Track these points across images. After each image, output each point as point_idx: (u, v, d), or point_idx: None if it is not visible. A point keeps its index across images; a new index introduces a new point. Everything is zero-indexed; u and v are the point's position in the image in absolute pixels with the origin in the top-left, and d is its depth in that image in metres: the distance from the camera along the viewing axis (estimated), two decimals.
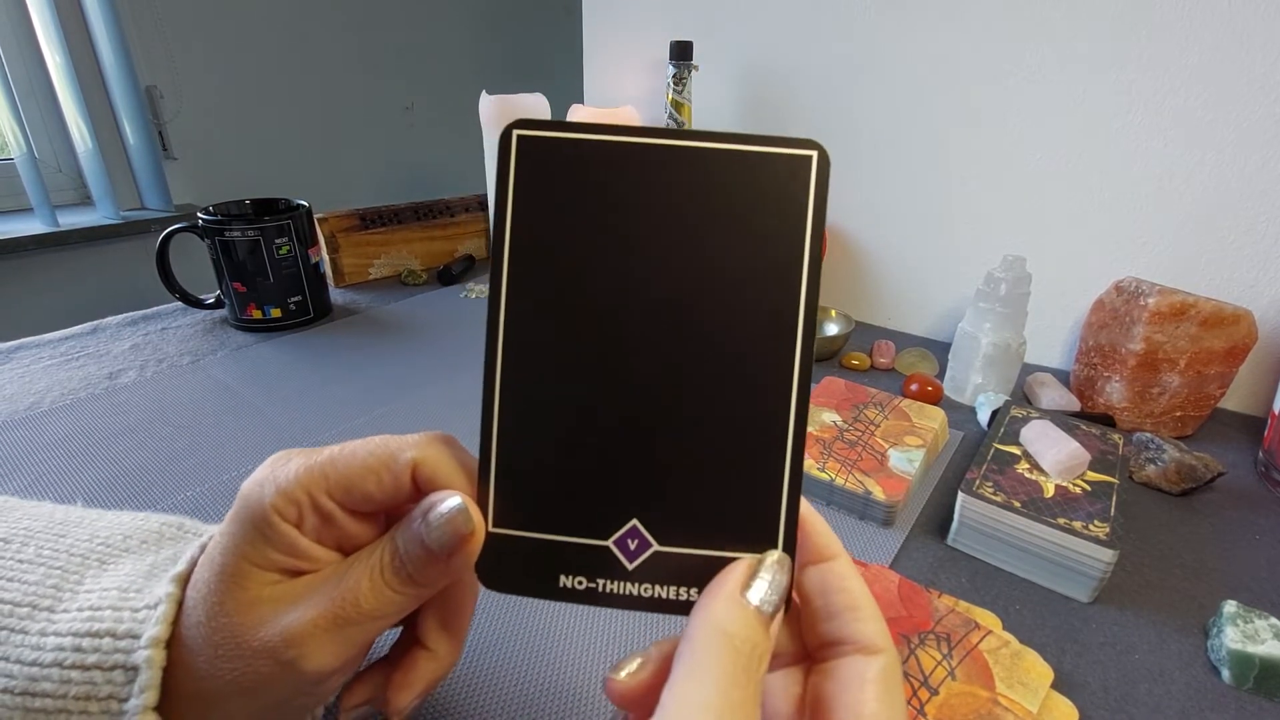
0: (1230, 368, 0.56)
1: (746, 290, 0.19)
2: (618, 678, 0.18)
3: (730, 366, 0.19)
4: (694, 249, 0.19)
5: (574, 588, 0.20)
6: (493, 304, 0.19)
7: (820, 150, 0.19)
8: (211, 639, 0.19)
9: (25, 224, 1.03)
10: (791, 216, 0.19)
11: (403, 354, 0.68)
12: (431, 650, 0.22)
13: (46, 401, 0.56)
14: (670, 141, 0.19)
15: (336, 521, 0.20)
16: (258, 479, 0.20)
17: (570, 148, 0.19)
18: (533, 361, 0.19)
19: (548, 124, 0.19)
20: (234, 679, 0.19)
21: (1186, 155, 0.60)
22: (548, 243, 0.19)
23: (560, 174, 0.19)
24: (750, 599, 0.18)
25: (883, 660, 0.18)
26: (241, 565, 0.19)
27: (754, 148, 0.19)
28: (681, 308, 0.19)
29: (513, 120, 0.19)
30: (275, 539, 0.19)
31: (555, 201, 0.19)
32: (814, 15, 0.77)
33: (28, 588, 0.21)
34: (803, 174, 0.19)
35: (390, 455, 0.20)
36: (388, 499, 0.20)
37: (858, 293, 0.84)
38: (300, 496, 0.20)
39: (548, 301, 0.19)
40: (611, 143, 0.19)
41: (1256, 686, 0.34)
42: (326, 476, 0.20)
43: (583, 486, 0.19)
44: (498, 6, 1.56)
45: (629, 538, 0.19)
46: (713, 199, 0.19)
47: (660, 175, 0.19)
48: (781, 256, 0.19)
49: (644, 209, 0.19)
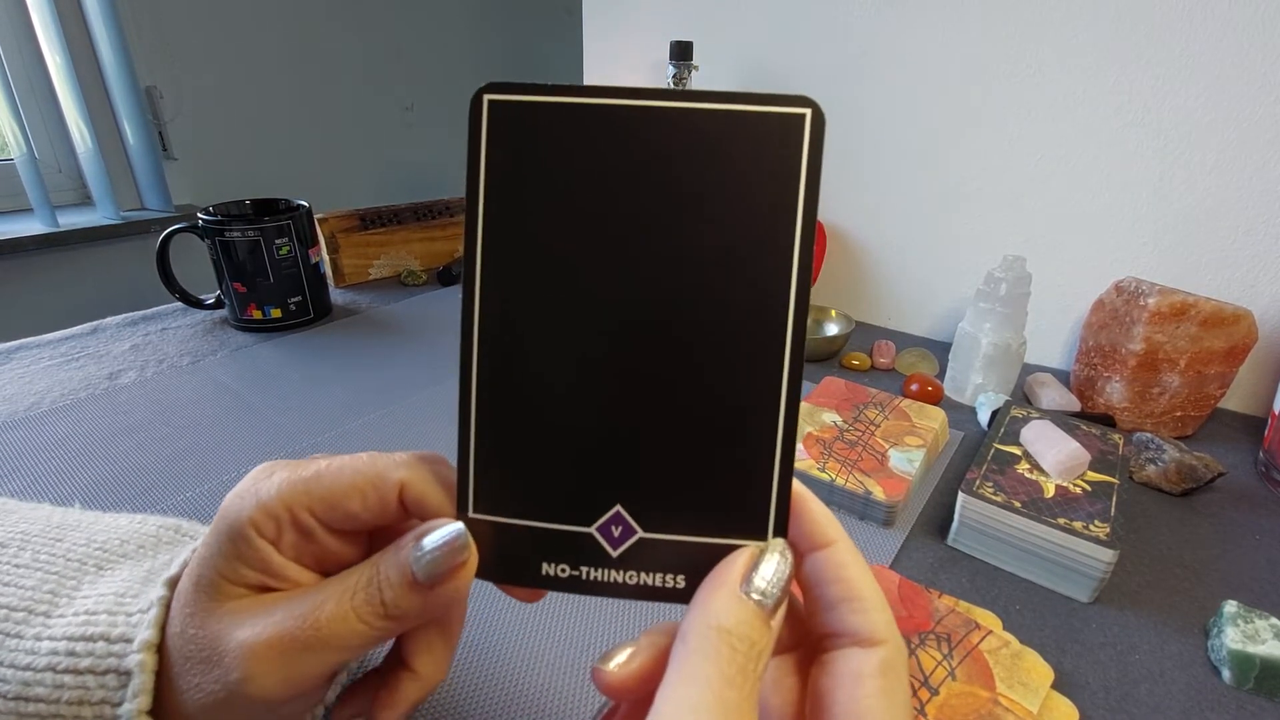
0: (1230, 368, 0.56)
1: (734, 262, 0.18)
2: (606, 668, 0.18)
3: (717, 343, 0.18)
4: (679, 219, 0.18)
5: (557, 575, 0.19)
6: (467, 283, 0.18)
7: (814, 107, 0.17)
8: (183, 650, 0.19)
9: (25, 224, 1.03)
10: (783, 182, 0.18)
11: (403, 354, 0.68)
12: (415, 672, 0.21)
13: (46, 402, 0.56)
14: (653, 103, 0.18)
15: (317, 539, 0.20)
16: (239, 491, 0.20)
17: (545, 113, 0.18)
18: (511, 343, 0.18)
19: (521, 87, 0.18)
20: (195, 696, 0.19)
21: (1187, 155, 0.60)
22: (523, 217, 0.18)
23: (535, 142, 0.18)
24: (750, 593, 0.17)
25: (883, 653, 0.17)
26: (214, 578, 0.19)
27: (742, 106, 0.18)
28: (666, 283, 0.18)
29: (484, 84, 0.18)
30: (249, 555, 0.19)
31: (529, 173, 0.18)
32: (814, 15, 0.77)
33: (23, 592, 0.21)
34: (795, 134, 0.17)
35: (377, 474, 0.20)
36: (373, 519, 0.20)
37: (858, 293, 0.84)
38: (280, 512, 0.19)
39: (524, 279, 0.18)
40: (589, 105, 0.18)
41: (1257, 687, 0.34)
42: (310, 492, 0.19)
43: (564, 471, 0.19)
44: (498, 6, 1.56)
45: (613, 524, 0.19)
46: (698, 164, 0.18)
47: (642, 139, 0.18)
48: (772, 226, 0.18)
49: (625, 177, 0.18)
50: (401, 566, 0.18)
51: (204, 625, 0.19)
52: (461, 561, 0.18)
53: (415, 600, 0.18)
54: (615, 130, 0.18)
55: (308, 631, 0.18)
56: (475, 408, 0.19)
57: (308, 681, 0.19)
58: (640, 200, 0.18)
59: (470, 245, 0.18)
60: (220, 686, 0.18)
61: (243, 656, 0.18)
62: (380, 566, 0.19)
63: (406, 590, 0.18)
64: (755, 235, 0.18)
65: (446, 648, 0.22)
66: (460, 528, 0.19)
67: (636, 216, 0.18)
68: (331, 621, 0.18)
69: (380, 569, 0.19)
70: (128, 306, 0.80)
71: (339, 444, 0.52)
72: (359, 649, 0.19)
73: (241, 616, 0.19)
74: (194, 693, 0.19)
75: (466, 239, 0.18)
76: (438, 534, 0.18)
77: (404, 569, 0.18)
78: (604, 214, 0.18)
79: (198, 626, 0.19)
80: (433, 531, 0.19)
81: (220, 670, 0.18)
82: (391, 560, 0.19)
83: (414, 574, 0.18)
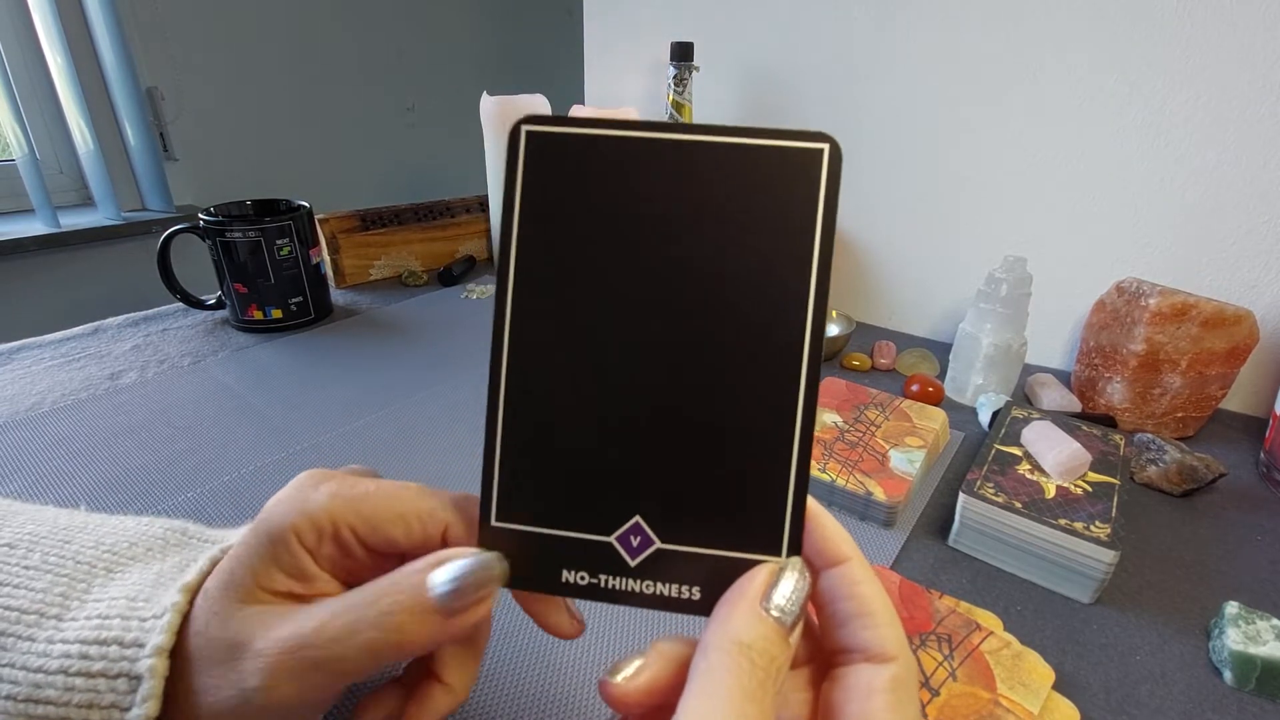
0: (1231, 368, 0.56)
1: (754, 288, 0.19)
2: (614, 681, 0.18)
3: (737, 365, 0.19)
4: (702, 246, 0.19)
5: (576, 583, 0.19)
6: (499, 299, 0.19)
7: (832, 144, 0.19)
8: (202, 650, 0.19)
9: (27, 225, 1.03)
10: (801, 212, 0.19)
11: (404, 355, 0.68)
12: (447, 685, 0.21)
13: (48, 402, 0.56)
14: (679, 136, 0.19)
15: (354, 555, 0.20)
16: (283, 497, 0.20)
17: (578, 144, 0.19)
18: (538, 357, 0.19)
19: (556, 119, 0.19)
20: (208, 699, 0.18)
21: (1187, 155, 0.60)
22: (555, 240, 0.19)
23: (568, 170, 0.19)
24: (769, 610, 0.17)
25: (893, 669, 0.17)
26: (247, 580, 0.19)
27: (764, 141, 0.19)
28: (688, 306, 0.19)
29: (521, 116, 0.19)
30: (286, 560, 0.19)
31: (563, 198, 0.19)
32: (815, 16, 0.77)
33: (35, 594, 0.21)
34: (813, 169, 0.19)
35: (427, 511, 0.20)
36: (411, 550, 0.20)
37: (859, 293, 0.84)
38: (324, 524, 0.19)
39: (553, 298, 0.19)
40: (620, 138, 0.19)
41: (1258, 688, 0.34)
42: (357, 511, 0.20)
43: (586, 482, 0.19)
44: (499, 7, 1.57)
45: (631, 534, 0.19)
46: (722, 194, 0.19)
47: (669, 170, 0.19)
48: (791, 253, 0.19)
49: (652, 205, 0.19)
50: (414, 592, 0.18)
51: (225, 627, 0.19)
52: (489, 592, 0.18)
53: (425, 629, 0.18)
54: (643, 161, 0.19)
55: (311, 651, 0.18)
56: (502, 418, 0.20)
57: (320, 693, 0.19)
58: (665, 227, 0.19)
59: (503, 264, 0.19)
60: (234, 691, 0.18)
61: (260, 664, 0.18)
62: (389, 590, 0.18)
63: (417, 617, 0.18)
64: (774, 263, 0.19)
65: (475, 659, 0.22)
66: (493, 557, 0.19)
67: (661, 242, 0.19)
68: (333, 644, 0.18)
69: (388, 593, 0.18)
70: (129, 307, 0.80)
71: (341, 444, 0.52)
72: (361, 673, 0.18)
73: (262, 621, 0.19)
74: (206, 695, 0.19)
75: (500, 258, 0.20)
76: (467, 562, 0.18)
77: (417, 595, 0.18)
78: (630, 239, 0.19)
79: (219, 628, 0.19)
80: (459, 559, 0.18)
81: (236, 675, 0.18)
82: (403, 585, 0.18)
83: (432, 602, 0.18)
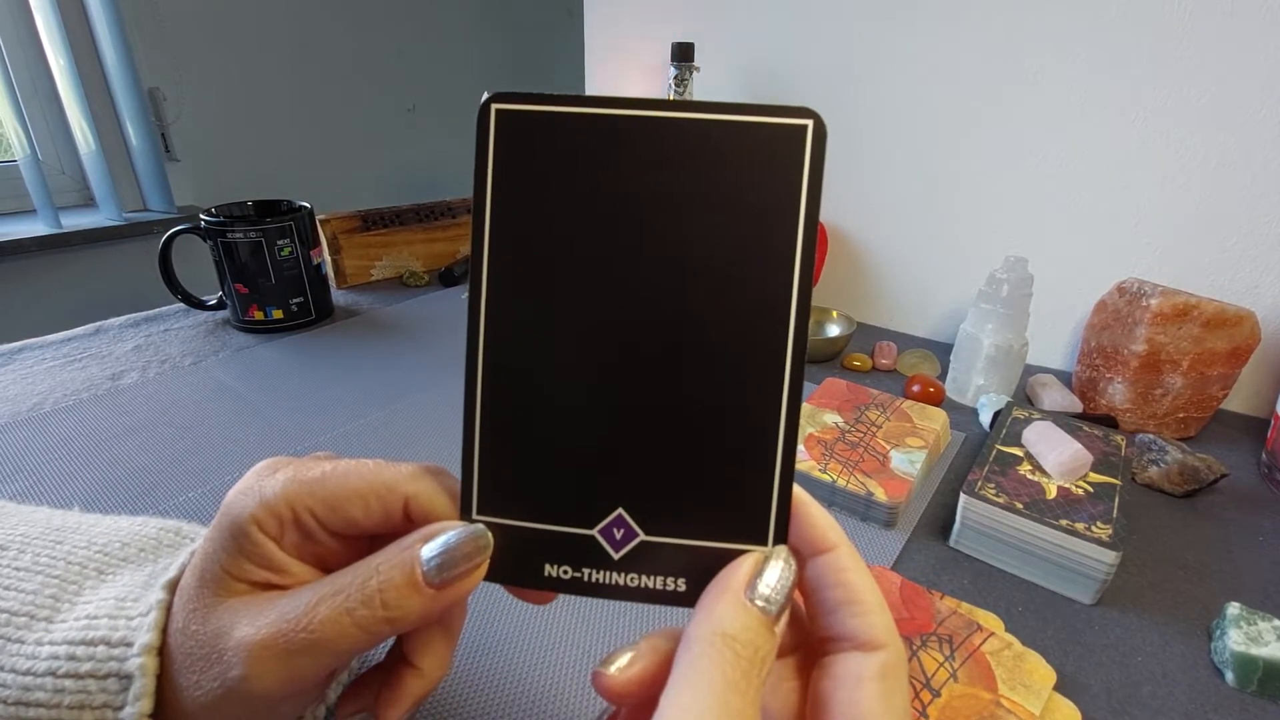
0: (1233, 369, 0.56)
1: (736, 271, 0.18)
2: (607, 672, 0.18)
3: (719, 351, 0.18)
4: (682, 227, 0.18)
5: (559, 577, 0.19)
6: (473, 290, 0.19)
7: (816, 119, 0.18)
8: (183, 647, 0.19)
9: (28, 225, 1.03)
10: (785, 192, 0.18)
11: (404, 355, 0.68)
12: (418, 668, 0.21)
13: (49, 403, 0.56)
14: (658, 113, 0.18)
15: (317, 540, 0.20)
16: (241, 488, 0.20)
17: (551, 122, 0.18)
18: (515, 350, 0.19)
19: (527, 97, 0.18)
20: (195, 694, 0.18)
21: (1188, 156, 0.60)
22: (530, 225, 0.18)
23: (542, 151, 0.18)
24: (754, 600, 0.17)
25: (883, 657, 0.17)
26: (218, 573, 0.19)
27: (745, 117, 0.18)
28: (669, 290, 0.18)
29: (491, 94, 0.18)
30: (251, 551, 0.19)
31: (537, 180, 0.18)
32: (815, 17, 0.77)
33: (25, 596, 0.21)
34: (797, 145, 0.18)
35: (384, 484, 0.20)
36: (374, 527, 0.20)
37: (859, 294, 0.84)
38: (283, 510, 0.19)
39: (529, 285, 0.19)
40: (594, 115, 0.18)
41: (1260, 689, 0.34)
42: (313, 494, 0.19)
43: (567, 475, 0.19)
44: (500, 7, 1.57)
45: (614, 527, 0.19)
46: (702, 174, 0.18)
47: (647, 149, 0.18)
48: (773, 235, 0.18)
49: (630, 186, 0.18)
50: (406, 567, 0.18)
51: (205, 622, 0.19)
52: (480, 562, 0.18)
53: (417, 602, 0.18)
54: (620, 139, 0.18)
55: (301, 634, 0.18)
56: (480, 411, 0.19)
57: (306, 680, 0.18)
58: (644, 208, 0.18)
59: (477, 251, 0.19)
60: (220, 684, 0.18)
61: (241, 654, 0.18)
62: (380, 567, 0.18)
63: (409, 592, 0.18)
64: (756, 244, 0.18)
65: (448, 644, 0.22)
66: (480, 528, 0.19)
67: (641, 225, 0.18)
68: (325, 625, 0.18)
69: (380, 570, 0.18)
70: (130, 308, 0.80)
71: (341, 444, 0.52)
72: (354, 652, 0.18)
73: (241, 613, 0.19)
74: (193, 690, 0.18)
75: (474, 245, 0.19)
76: (455, 534, 0.18)
77: (409, 570, 0.18)
78: (609, 221, 0.18)
79: (199, 623, 0.19)
80: (446, 532, 0.19)
81: (220, 667, 0.18)
82: (395, 561, 0.18)
83: (422, 575, 0.18)
